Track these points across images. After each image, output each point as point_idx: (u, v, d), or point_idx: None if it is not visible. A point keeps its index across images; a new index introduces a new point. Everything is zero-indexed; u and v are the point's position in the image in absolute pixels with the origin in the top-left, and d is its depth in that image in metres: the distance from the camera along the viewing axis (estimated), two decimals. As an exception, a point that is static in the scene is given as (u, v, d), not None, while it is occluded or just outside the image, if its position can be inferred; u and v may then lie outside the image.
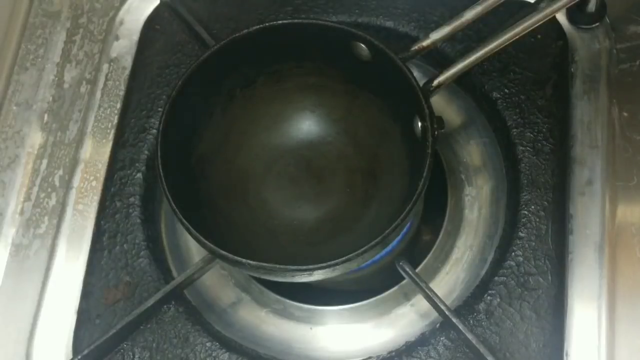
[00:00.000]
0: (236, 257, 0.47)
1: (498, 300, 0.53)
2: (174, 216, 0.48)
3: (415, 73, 0.50)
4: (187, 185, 0.52)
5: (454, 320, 0.51)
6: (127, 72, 0.64)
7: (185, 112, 0.52)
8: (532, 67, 0.59)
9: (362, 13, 0.62)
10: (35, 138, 0.63)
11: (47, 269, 0.59)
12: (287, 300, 0.57)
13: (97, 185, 0.60)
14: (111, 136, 0.62)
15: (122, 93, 0.63)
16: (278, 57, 0.54)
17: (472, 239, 0.57)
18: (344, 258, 0.46)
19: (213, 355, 0.54)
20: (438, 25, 0.52)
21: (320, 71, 0.56)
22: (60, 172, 0.62)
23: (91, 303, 0.56)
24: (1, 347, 0.57)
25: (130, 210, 0.59)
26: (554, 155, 0.56)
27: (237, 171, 0.57)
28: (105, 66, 0.65)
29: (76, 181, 0.61)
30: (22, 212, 0.61)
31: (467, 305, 0.54)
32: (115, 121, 0.62)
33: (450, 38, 0.52)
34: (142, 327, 0.55)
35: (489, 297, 0.53)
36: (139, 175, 0.60)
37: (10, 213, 0.61)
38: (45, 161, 0.62)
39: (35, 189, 0.61)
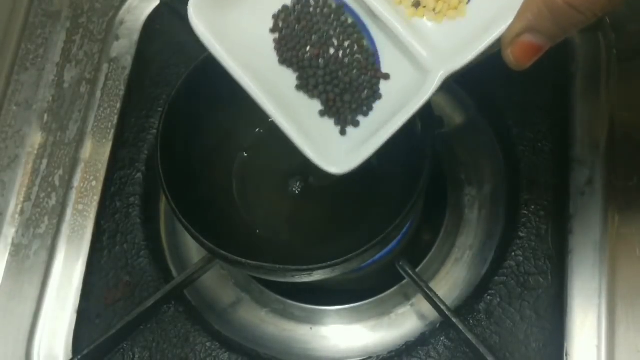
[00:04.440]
0: (236, 257, 0.47)
1: (498, 300, 0.53)
2: (174, 216, 0.48)
3: (415, 73, 0.50)
4: (187, 185, 0.52)
5: (454, 320, 0.51)
6: (127, 72, 0.64)
7: (185, 112, 0.52)
8: (532, 67, 0.59)
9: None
10: (35, 138, 0.63)
11: (47, 269, 0.59)
12: (287, 300, 0.57)
13: (97, 185, 0.61)
14: (111, 136, 0.62)
15: (122, 93, 0.63)
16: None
17: (472, 239, 0.57)
18: (344, 258, 0.46)
19: (213, 355, 0.54)
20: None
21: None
22: (60, 172, 0.62)
23: (91, 303, 0.56)
24: (1, 347, 0.57)
25: (130, 210, 0.59)
26: (554, 155, 0.56)
27: (237, 171, 0.57)
28: (105, 66, 0.65)
29: (76, 181, 0.61)
30: (22, 212, 0.61)
31: (467, 305, 0.54)
32: (115, 121, 0.62)
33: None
34: (142, 327, 0.55)
35: (489, 297, 0.53)
36: (139, 175, 0.60)
37: (10, 213, 0.61)
38: (45, 161, 0.62)
39: (35, 189, 0.61)
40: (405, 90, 0.41)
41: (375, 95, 0.42)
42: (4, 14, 0.67)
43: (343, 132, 0.42)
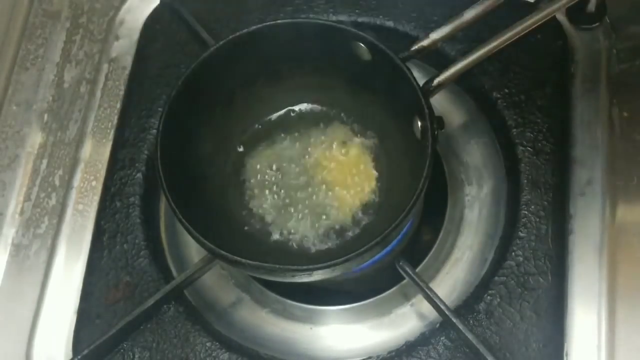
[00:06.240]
0: (236, 257, 0.47)
1: (498, 300, 0.53)
2: (174, 216, 0.48)
3: (415, 73, 0.50)
4: (187, 185, 0.52)
5: (454, 320, 0.51)
6: (127, 72, 0.64)
7: (185, 112, 0.52)
8: (532, 67, 0.59)
9: (362, 13, 0.62)
10: (35, 138, 0.63)
11: (47, 269, 0.59)
12: (287, 300, 0.57)
13: (97, 185, 0.61)
14: (111, 136, 0.62)
15: (122, 93, 0.63)
16: (278, 57, 0.54)
17: (472, 239, 0.57)
18: (344, 258, 0.46)
19: (213, 355, 0.54)
20: (438, 25, 0.52)
21: (320, 71, 0.56)
22: (60, 172, 0.62)
23: (91, 303, 0.56)
24: (1, 347, 0.57)
25: (130, 210, 0.59)
26: (554, 155, 0.56)
27: (236, 171, 0.57)
28: (105, 66, 0.65)
29: (76, 181, 0.61)
30: (22, 212, 0.61)
31: (467, 305, 0.54)
32: (115, 121, 0.62)
33: (450, 38, 0.52)
34: (142, 327, 0.55)
35: (489, 297, 0.53)
36: (139, 175, 0.60)
37: (10, 213, 0.61)
38: (45, 161, 0.62)
39: (35, 189, 0.61)
40: None
41: None
42: (4, 14, 0.67)
43: None
